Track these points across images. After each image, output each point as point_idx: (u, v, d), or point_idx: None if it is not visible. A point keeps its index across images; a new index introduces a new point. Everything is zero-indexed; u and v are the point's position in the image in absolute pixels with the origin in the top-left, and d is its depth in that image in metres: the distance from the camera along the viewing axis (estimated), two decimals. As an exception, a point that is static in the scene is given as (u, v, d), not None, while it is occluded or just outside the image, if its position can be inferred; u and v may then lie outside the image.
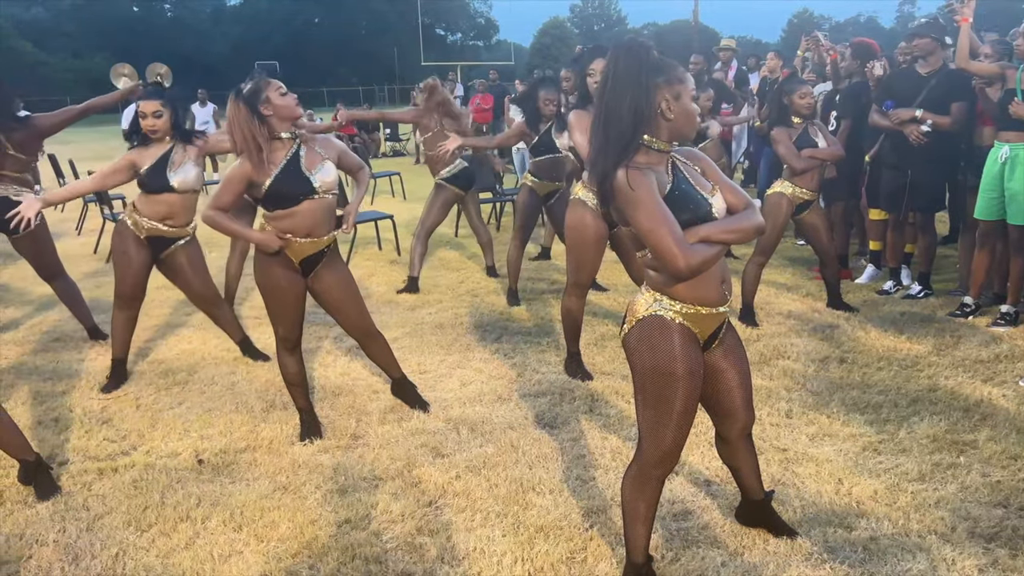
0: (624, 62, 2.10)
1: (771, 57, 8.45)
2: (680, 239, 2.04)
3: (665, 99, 2.11)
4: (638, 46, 2.13)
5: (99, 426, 3.77)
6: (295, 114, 3.23)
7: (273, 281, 3.36)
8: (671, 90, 2.12)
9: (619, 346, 4.55)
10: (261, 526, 2.86)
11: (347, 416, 3.79)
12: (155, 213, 4.06)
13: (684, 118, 2.15)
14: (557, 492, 3.03)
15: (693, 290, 2.18)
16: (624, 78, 2.09)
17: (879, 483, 3.00)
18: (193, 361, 4.62)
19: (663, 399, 2.19)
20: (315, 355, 4.62)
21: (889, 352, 4.38)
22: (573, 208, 4.08)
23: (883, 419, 3.55)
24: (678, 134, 2.18)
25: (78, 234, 8.96)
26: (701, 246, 2.09)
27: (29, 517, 2.97)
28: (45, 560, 2.69)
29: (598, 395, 3.94)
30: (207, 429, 3.70)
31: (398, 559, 2.64)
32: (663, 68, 2.13)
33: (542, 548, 2.66)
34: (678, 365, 2.16)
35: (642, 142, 2.13)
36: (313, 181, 3.23)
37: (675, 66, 2.16)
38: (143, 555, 2.71)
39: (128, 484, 3.19)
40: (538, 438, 3.49)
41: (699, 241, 2.09)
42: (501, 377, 4.23)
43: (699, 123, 2.22)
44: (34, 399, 4.10)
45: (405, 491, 3.08)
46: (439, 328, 5.12)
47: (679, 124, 2.15)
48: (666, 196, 2.10)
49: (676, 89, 2.13)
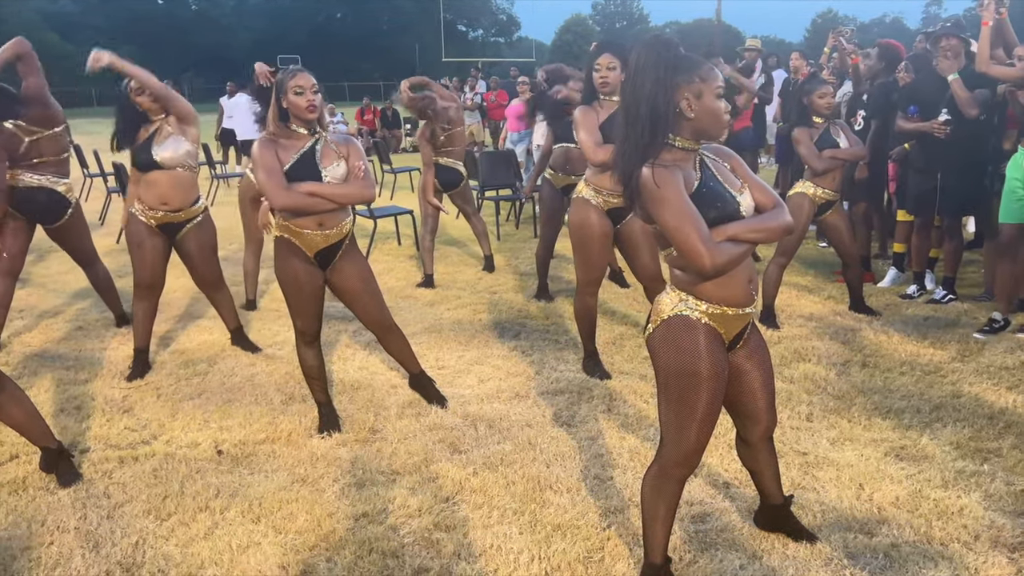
0: (644, 60, 2.06)
1: (795, 57, 8.38)
2: (707, 237, 2.01)
3: (686, 98, 2.08)
4: (660, 43, 2.09)
5: (120, 415, 3.80)
6: (303, 116, 3.25)
7: (291, 274, 3.38)
8: (691, 88, 2.08)
9: (638, 345, 4.56)
10: (279, 518, 2.87)
11: (365, 410, 3.80)
12: (152, 197, 4.11)
13: (708, 117, 2.10)
14: (575, 491, 3.02)
15: (720, 290, 2.16)
16: (644, 76, 2.06)
17: (901, 489, 2.96)
18: (213, 352, 4.65)
19: (686, 400, 2.17)
20: (334, 349, 4.64)
21: (912, 357, 4.33)
22: (577, 206, 4.07)
23: (905, 425, 3.51)
24: (702, 133, 2.14)
25: (101, 224, 9.04)
26: (728, 245, 2.07)
27: (51, 504, 3.00)
28: (66, 547, 2.72)
29: (616, 394, 3.92)
30: (226, 420, 3.72)
31: (415, 554, 2.64)
32: (684, 66, 2.08)
33: (559, 547, 2.65)
34: (703, 366, 2.14)
35: (666, 141, 2.10)
36: (324, 175, 3.27)
37: (699, 64, 2.11)
38: (162, 544, 2.73)
39: (148, 473, 3.22)
40: (556, 436, 3.48)
41: (726, 240, 2.07)
42: (519, 374, 4.23)
43: (727, 121, 2.17)
44: (57, 387, 4.15)
45: (422, 486, 3.08)
46: (457, 324, 5.12)
47: (702, 123, 2.11)
48: (693, 193, 2.08)
49: (697, 87, 2.08)
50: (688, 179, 2.09)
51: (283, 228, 3.36)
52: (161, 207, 4.14)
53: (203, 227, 4.32)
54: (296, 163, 3.25)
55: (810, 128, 4.77)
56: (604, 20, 78.57)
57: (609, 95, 3.97)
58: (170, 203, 4.14)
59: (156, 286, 4.30)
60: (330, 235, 3.37)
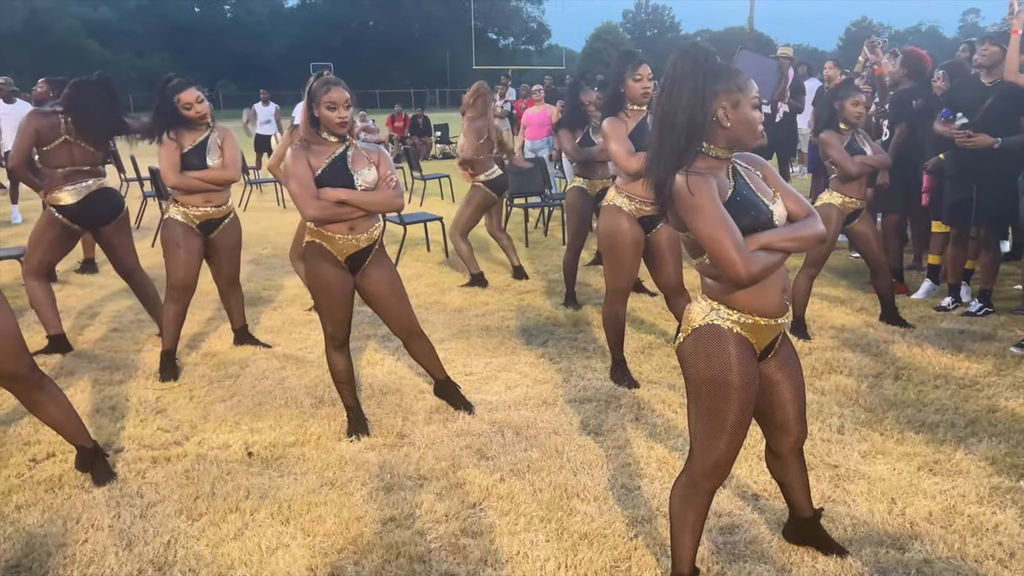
0: (682, 68, 2.06)
1: (829, 66, 8.30)
2: (741, 245, 2.01)
3: (722, 107, 2.08)
4: (698, 51, 2.09)
5: (153, 416, 3.87)
6: (334, 131, 3.35)
7: (322, 279, 3.42)
8: (729, 98, 2.08)
9: (666, 355, 4.54)
10: (308, 520, 2.90)
11: (393, 415, 3.83)
12: (197, 195, 4.30)
13: (743, 127, 2.10)
14: (602, 500, 3.01)
15: (753, 299, 2.15)
16: (680, 84, 2.06)
17: (934, 504, 2.91)
18: (245, 355, 4.71)
19: (717, 410, 2.16)
20: (362, 354, 4.68)
21: (946, 370, 4.26)
22: (607, 214, 4.07)
23: (939, 439, 3.45)
24: (737, 143, 2.14)
25: (137, 228, 9.20)
26: (762, 253, 2.06)
27: (86, 502, 3.05)
28: (100, 544, 2.77)
29: (644, 403, 3.90)
30: (257, 423, 3.76)
31: (441, 559, 2.65)
32: (721, 75, 2.09)
33: (586, 555, 2.65)
34: (733, 376, 2.13)
35: (700, 149, 2.10)
36: (356, 178, 3.34)
37: (735, 73, 2.12)
38: (193, 543, 2.77)
39: (180, 474, 3.27)
40: (583, 444, 3.48)
41: (760, 248, 2.07)
42: (546, 382, 4.23)
43: (761, 131, 2.16)
44: (93, 387, 4.23)
45: (449, 492, 3.09)
46: (485, 331, 5.13)
47: (737, 133, 2.11)
48: (727, 202, 2.07)
49: (735, 97, 2.08)
50: (722, 187, 2.09)
51: (315, 233, 3.41)
52: (206, 204, 4.34)
53: (234, 225, 4.56)
54: (328, 168, 3.33)
55: (839, 133, 4.72)
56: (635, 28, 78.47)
57: (643, 105, 4.01)
58: (213, 200, 4.36)
59: (190, 287, 4.40)
60: (360, 240, 3.42)
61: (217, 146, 4.30)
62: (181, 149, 4.24)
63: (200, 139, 4.28)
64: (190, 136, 4.27)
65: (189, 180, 4.25)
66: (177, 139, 4.24)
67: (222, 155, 4.30)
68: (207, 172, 4.27)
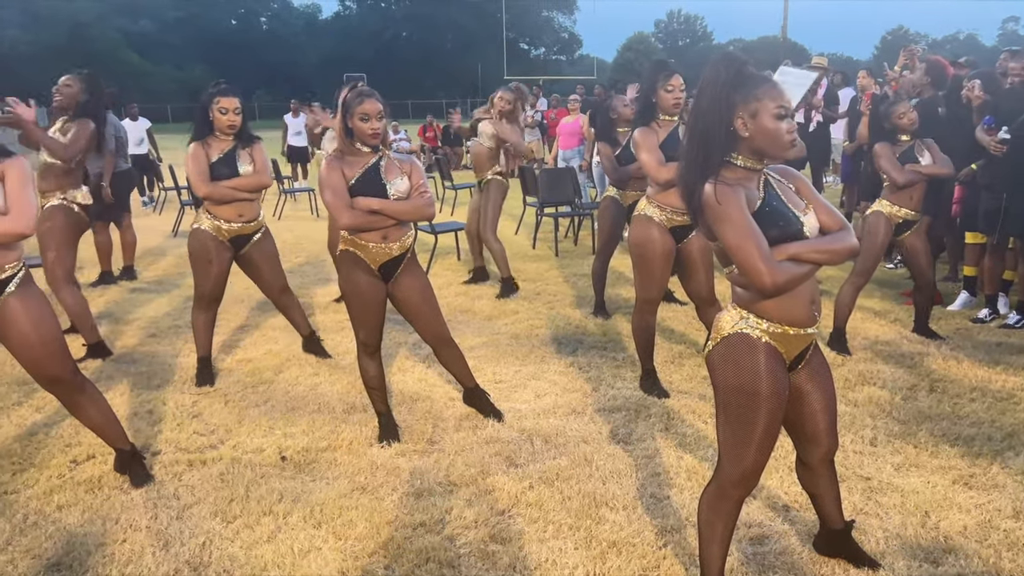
0: (708, 78, 2.07)
1: (862, 76, 8.22)
2: (767, 256, 2.01)
3: (740, 117, 2.07)
4: (724, 61, 2.09)
5: (190, 420, 3.95)
6: (367, 142, 3.39)
7: (356, 287, 3.48)
8: (747, 108, 2.06)
9: (696, 365, 4.53)
10: (340, 524, 2.94)
11: (424, 421, 3.86)
12: (228, 210, 4.28)
13: (763, 137, 2.07)
14: (631, 508, 3.01)
15: (782, 309, 2.15)
16: (703, 94, 2.08)
17: (969, 518, 2.87)
18: (279, 362, 4.78)
19: (746, 419, 2.16)
20: (393, 361, 4.73)
21: (983, 383, 4.20)
22: (638, 224, 4.08)
23: (975, 452, 3.40)
24: (761, 153, 2.11)
25: (174, 235, 9.39)
26: (789, 264, 2.06)
27: (124, 503, 3.13)
28: (138, 544, 2.83)
29: (674, 413, 3.90)
30: (290, 427, 3.82)
31: (471, 565, 2.68)
32: (742, 84, 2.06)
33: (614, 563, 2.65)
34: (763, 385, 2.13)
35: (727, 159, 2.11)
36: (388, 188, 3.40)
37: (759, 83, 2.08)
38: (228, 545, 2.82)
39: (215, 476, 3.33)
40: (612, 453, 3.48)
41: (787, 259, 2.07)
42: (576, 390, 4.24)
43: (788, 141, 2.13)
44: (131, 391, 4.33)
45: (478, 498, 3.11)
46: (515, 339, 5.16)
47: (758, 143, 2.08)
48: (756, 212, 2.07)
49: (753, 107, 2.06)
50: (751, 198, 2.09)
51: (348, 242, 3.47)
52: (238, 218, 4.31)
53: (267, 239, 4.52)
54: (361, 178, 3.39)
55: (893, 144, 4.68)
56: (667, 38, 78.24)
57: (674, 115, 4.04)
58: (245, 214, 4.33)
59: (218, 299, 4.45)
60: (393, 248, 3.47)
61: (247, 153, 4.28)
62: (209, 159, 4.21)
63: (228, 148, 4.25)
64: (218, 145, 4.24)
65: (221, 189, 4.22)
66: (205, 148, 4.23)
67: (252, 161, 4.29)
68: (239, 180, 4.24)
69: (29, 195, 2.84)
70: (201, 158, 4.20)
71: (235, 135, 4.28)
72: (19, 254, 2.95)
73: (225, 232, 4.31)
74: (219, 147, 4.26)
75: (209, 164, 4.21)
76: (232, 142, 4.28)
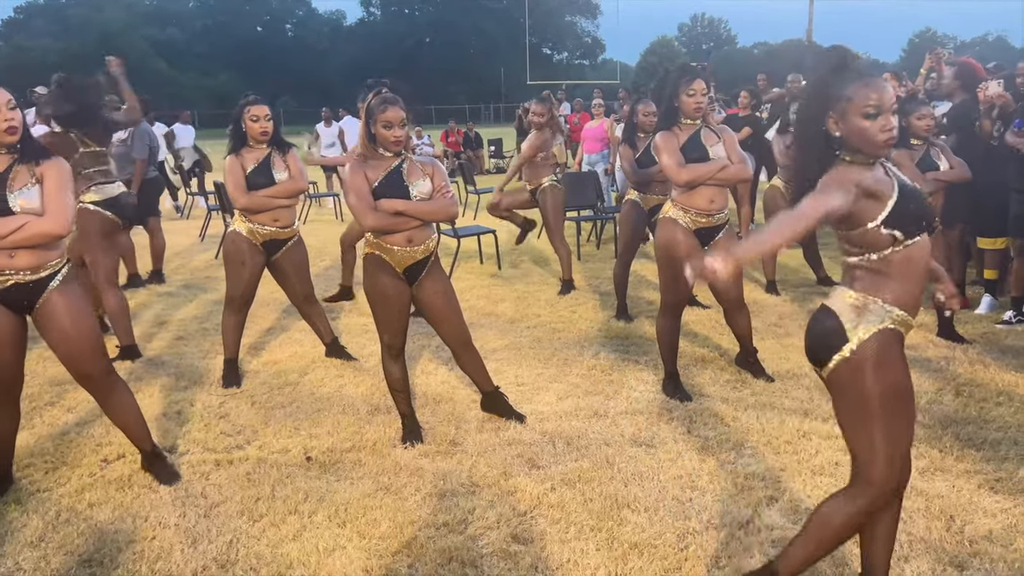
0: (811, 76, 2.08)
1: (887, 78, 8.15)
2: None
3: (831, 116, 2.05)
4: (828, 56, 2.05)
5: (217, 420, 4.01)
6: (389, 148, 3.44)
7: (380, 289, 3.52)
8: (837, 108, 2.03)
9: (719, 368, 4.52)
10: (364, 523, 2.98)
11: (447, 423, 3.90)
12: (265, 215, 4.34)
13: (854, 136, 2.03)
14: (652, 511, 3.02)
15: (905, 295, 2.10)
16: (806, 93, 2.10)
17: (995, 523, 2.85)
18: (304, 363, 4.85)
19: (901, 414, 2.11)
20: (417, 363, 4.77)
21: (1010, 387, 4.15)
22: (663, 226, 4.09)
23: (1001, 457, 3.37)
24: (858, 151, 2.05)
25: (201, 240, 9.52)
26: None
27: (153, 501, 3.19)
28: (167, 542, 2.89)
29: (697, 416, 3.90)
30: (315, 428, 3.87)
31: (493, 565, 2.70)
32: (837, 83, 2.03)
33: (636, 565, 2.66)
34: (907, 377, 2.13)
35: (836, 156, 2.07)
36: (411, 190, 3.44)
37: (851, 81, 2.02)
38: (254, 543, 2.87)
39: (242, 476, 3.38)
40: (634, 456, 3.49)
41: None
42: (598, 393, 4.25)
43: (883, 139, 2.02)
44: (160, 392, 4.40)
45: (501, 499, 3.14)
46: (537, 342, 5.18)
47: (852, 142, 2.04)
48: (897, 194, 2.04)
49: (842, 107, 2.03)
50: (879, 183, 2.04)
51: (374, 245, 3.51)
52: (273, 223, 4.37)
53: (299, 247, 4.58)
54: (384, 180, 3.44)
55: (910, 150, 4.65)
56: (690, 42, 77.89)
57: (696, 119, 4.04)
58: (281, 220, 4.40)
59: (249, 302, 4.53)
60: (417, 252, 3.51)
61: (281, 160, 4.36)
62: (245, 170, 4.28)
63: (263, 157, 4.32)
64: (253, 156, 4.31)
65: (258, 199, 4.28)
66: (240, 160, 4.30)
67: (287, 168, 4.36)
68: (276, 188, 4.30)
69: (66, 197, 2.93)
70: (237, 170, 4.28)
71: (269, 143, 4.36)
72: (61, 252, 3.04)
73: (260, 236, 4.38)
74: (254, 157, 4.33)
75: (245, 175, 4.29)
76: (266, 150, 4.35)
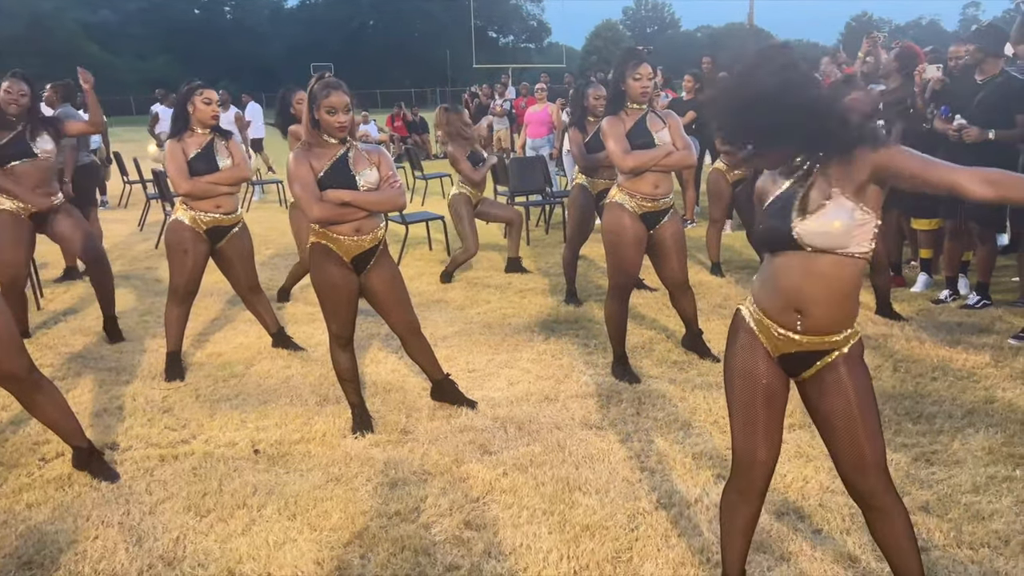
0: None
1: (825, 62, 8.33)
2: None
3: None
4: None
5: (160, 415, 3.92)
6: (333, 135, 3.38)
7: (328, 279, 3.47)
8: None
9: (667, 350, 4.59)
10: (314, 515, 2.95)
11: (397, 411, 3.87)
12: (207, 201, 4.27)
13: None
14: (603, 492, 3.05)
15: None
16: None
17: (931, 494, 2.96)
18: (250, 355, 4.76)
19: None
20: (366, 351, 4.72)
21: (944, 362, 4.30)
22: (610, 211, 4.12)
23: (937, 430, 3.50)
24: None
25: (140, 230, 9.26)
26: None
27: (95, 500, 3.10)
28: (111, 541, 2.82)
29: (645, 398, 3.95)
30: (263, 420, 3.81)
31: (446, 552, 2.70)
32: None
33: (588, 546, 2.69)
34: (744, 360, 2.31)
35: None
36: (358, 179, 3.39)
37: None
38: (202, 539, 2.82)
39: (188, 471, 3.32)
40: (584, 439, 3.52)
41: None
42: (548, 377, 4.27)
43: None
44: (100, 387, 4.28)
45: (453, 486, 3.14)
46: (487, 328, 5.18)
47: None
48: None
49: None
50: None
51: (320, 235, 3.46)
52: (216, 210, 4.30)
53: (244, 234, 4.51)
54: (330, 170, 3.38)
55: None
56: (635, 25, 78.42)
57: (642, 104, 4.06)
58: (223, 206, 4.32)
59: (193, 292, 4.43)
60: (365, 241, 3.46)
61: (224, 147, 4.29)
62: (187, 155, 4.20)
63: (206, 143, 4.24)
64: (195, 141, 4.23)
65: (201, 185, 4.20)
66: (182, 145, 4.21)
67: (231, 155, 4.29)
68: (219, 175, 4.24)
69: None
70: (179, 155, 4.19)
71: (212, 129, 4.29)
72: None
73: (203, 223, 4.29)
74: (196, 142, 4.25)
75: (187, 160, 4.20)
76: (209, 136, 4.27)
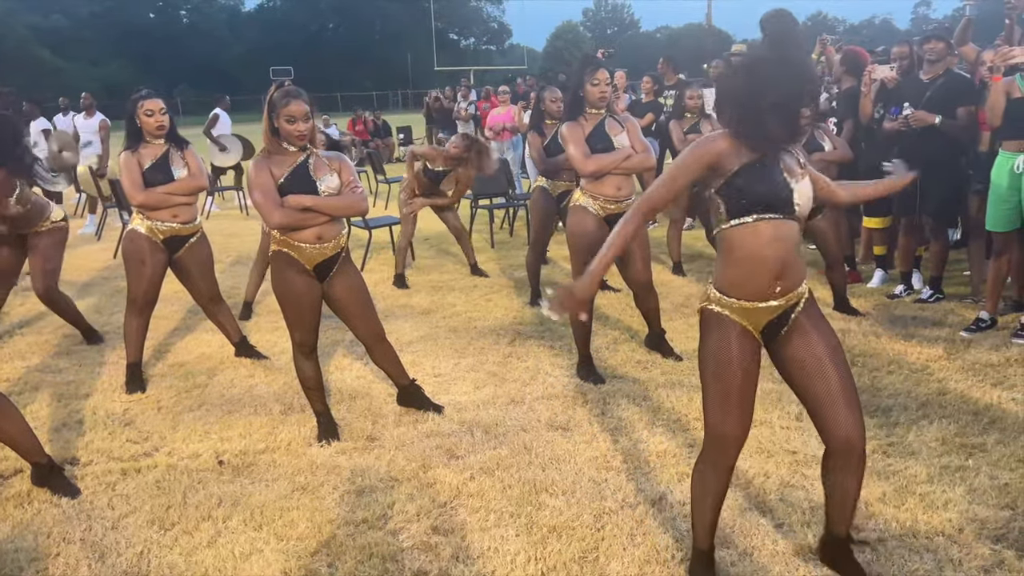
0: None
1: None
2: None
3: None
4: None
5: (122, 428, 3.86)
6: (292, 143, 3.37)
7: (290, 287, 3.45)
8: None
9: (631, 350, 4.64)
10: (280, 525, 2.93)
11: (363, 418, 3.86)
12: (163, 211, 4.21)
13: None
14: (569, 493, 3.08)
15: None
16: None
17: (888, 485, 3.04)
18: (212, 364, 4.71)
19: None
20: (331, 359, 4.70)
21: (899, 356, 4.41)
22: (574, 214, 4.16)
23: (892, 422, 3.59)
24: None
25: (98, 239, 9.10)
26: None
27: (56, 516, 3.05)
28: (73, 557, 2.78)
29: (610, 398, 3.99)
30: (227, 431, 3.78)
31: (414, 558, 2.71)
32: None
33: (555, 547, 2.72)
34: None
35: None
36: (319, 185, 3.37)
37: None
38: (167, 553, 2.79)
39: (151, 484, 3.27)
40: (551, 440, 3.55)
41: None
42: (514, 380, 4.29)
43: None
44: (58, 401, 4.20)
45: (420, 492, 3.14)
46: (452, 332, 5.19)
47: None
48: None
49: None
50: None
51: (281, 243, 3.44)
52: (173, 219, 4.25)
53: (202, 243, 4.44)
54: (290, 176, 3.36)
55: None
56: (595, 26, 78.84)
57: (601, 109, 4.11)
58: (181, 216, 4.27)
59: (152, 302, 4.37)
60: (327, 248, 3.45)
61: (180, 157, 4.24)
62: (142, 166, 4.15)
63: (161, 153, 4.19)
64: (150, 152, 4.18)
65: (156, 195, 4.15)
66: (136, 156, 4.16)
67: (187, 165, 4.24)
68: (174, 185, 4.19)
69: None
70: (133, 167, 4.14)
71: (166, 138, 4.22)
72: None
73: (160, 232, 4.24)
74: (151, 153, 4.19)
75: (142, 171, 4.15)
76: (164, 146, 4.22)
